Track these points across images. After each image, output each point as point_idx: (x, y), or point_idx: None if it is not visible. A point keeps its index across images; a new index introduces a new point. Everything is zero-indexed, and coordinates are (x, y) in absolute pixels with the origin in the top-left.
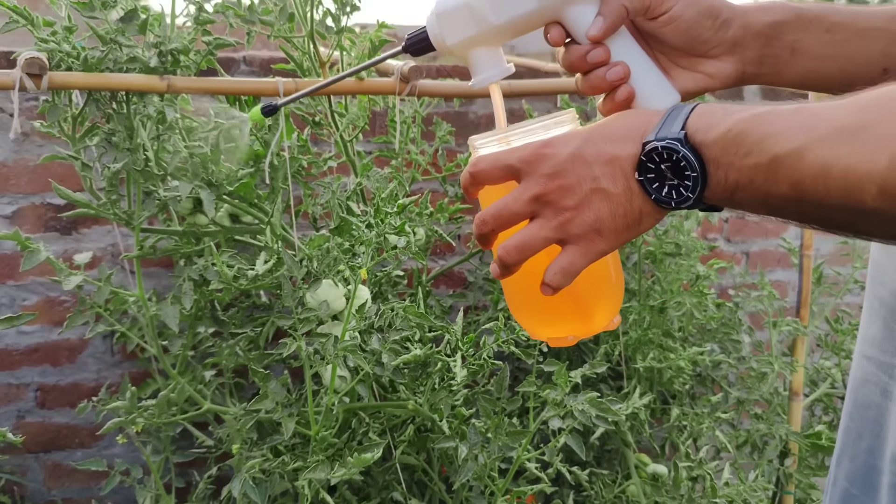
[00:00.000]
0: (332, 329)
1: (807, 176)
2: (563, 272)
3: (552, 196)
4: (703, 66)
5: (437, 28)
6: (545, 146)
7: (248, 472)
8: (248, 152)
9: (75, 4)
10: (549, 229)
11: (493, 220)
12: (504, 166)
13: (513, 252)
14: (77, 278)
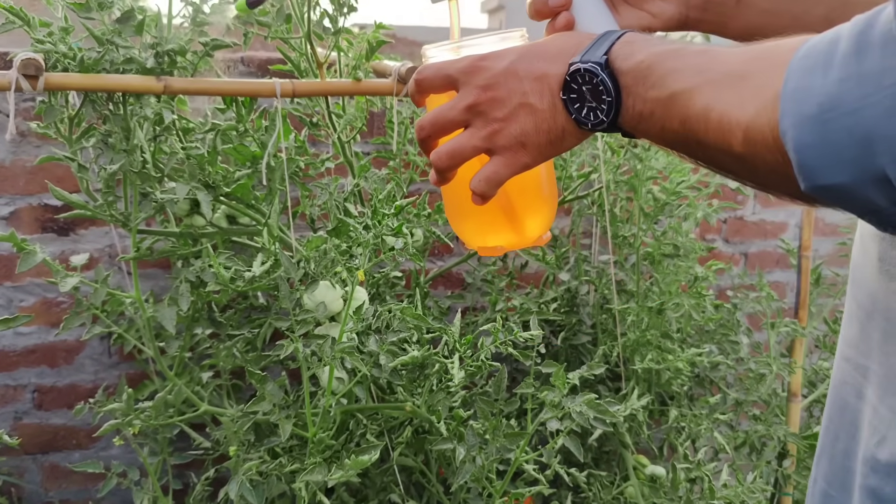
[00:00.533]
0: (329, 330)
1: (692, 115)
2: (487, 181)
3: (484, 107)
4: (648, 4)
5: None
6: (483, 59)
7: (246, 475)
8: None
9: (72, 5)
10: (478, 138)
11: (430, 126)
12: (444, 76)
13: (444, 157)
14: (74, 280)
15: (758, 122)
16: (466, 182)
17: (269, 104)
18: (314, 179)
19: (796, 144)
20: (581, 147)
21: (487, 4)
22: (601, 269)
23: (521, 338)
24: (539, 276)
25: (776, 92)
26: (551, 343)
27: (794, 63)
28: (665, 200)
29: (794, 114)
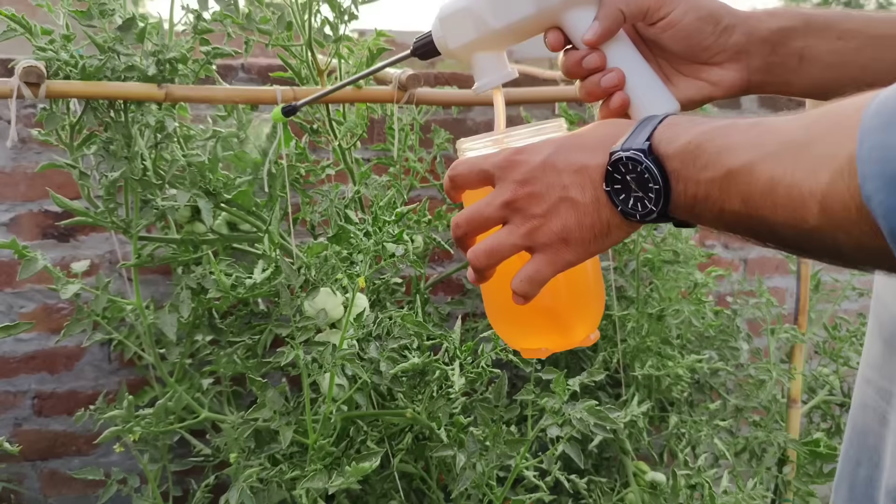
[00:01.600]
0: (330, 337)
1: (756, 191)
2: (529, 280)
3: (521, 203)
4: (706, 73)
5: (440, 32)
6: (518, 153)
7: (246, 481)
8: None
9: (73, 13)
10: (517, 236)
11: (465, 224)
12: (479, 171)
13: (482, 256)
14: (75, 287)
15: (835, 190)
16: (506, 280)
17: (269, 111)
18: (315, 186)
19: (887, 210)
20: None
21: None
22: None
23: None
24: None
25: (850, 155)
26: None
27: (866, 122)
28: None
29: (877, 176)
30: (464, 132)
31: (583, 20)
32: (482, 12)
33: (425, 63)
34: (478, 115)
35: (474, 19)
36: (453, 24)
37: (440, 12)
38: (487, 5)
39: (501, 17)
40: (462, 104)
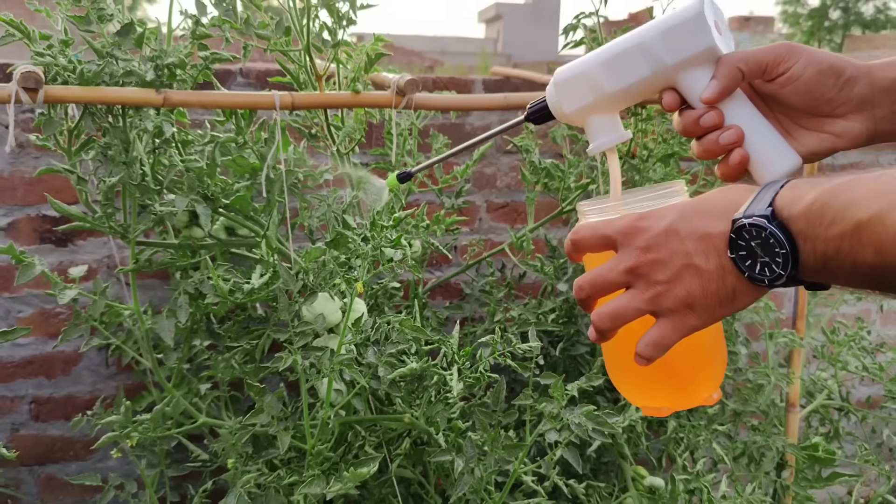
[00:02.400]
0: (328, 342)
1: (889, 239)
2: (655, 345)
3: (645, 269)
4: (829, 125)
5: (555, 97)
6: (641, 219)
7: (244, 487)
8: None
9: (72, 18)
10: (641, 301)
11: (589, 287)
12: (602, 236)
13: (605, 319)
14: (72, 292)
15: None
16: (627, 339)
17: (268, 116)
18: (313, 191)
19: None
20: (579, 158)
21: (485, 14)
22: None
23: (519, 349)
24: (537, 287)
25: None
26: (550, 353)
27: None
28: None
29: None
30: (462, 136)
31: (699, 80)
32: (598, 78)
33: (424, 67)
34: (476, 120)
35: (590, 84)
36: (569, 90)
37: (555, 78)
38: (603, 71)
39: (617, 82)
40: (460, 109)
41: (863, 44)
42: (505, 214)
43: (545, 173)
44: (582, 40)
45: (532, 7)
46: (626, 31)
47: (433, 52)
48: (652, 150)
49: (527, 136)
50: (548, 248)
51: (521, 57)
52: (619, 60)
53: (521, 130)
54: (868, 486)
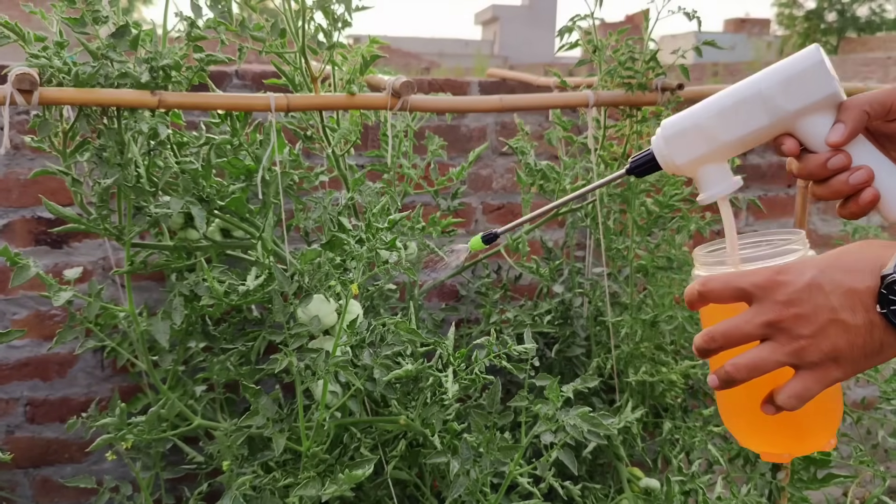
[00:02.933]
0: (323, 344)
1: None
2: (798, 397)
3: (787, 323)
4: None
5: (665, 149)
6: (780, 273)
7: (239, 489)
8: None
9: (67, 20)
10: (782, 354)
11: (722, 339)
12: (736, 289)
13: (743, 370)
14: (67, 294)
15: None
16: (751, 387)
17: (263, 118)
18: (308, 193)
19: None
20: (574, 160)
21: (481, 16)
22: (595, 281)
23: (514, 351)
24: (533, 288)
25: None
26: (545, 355)
27: None
28: (658, 213)
29: None
30: (458, 138)
31: (820, 124)
32: (712, 128)
33: (420, 69)
34: (472, 122)
35: (704, 136)
36: (681, 141)
37: (664, 131)
38: (718, 121)
39: (733, 132)
40: (456, 111)
41: (858, 46)
42: (501, 216)
43: (541, 175)
44: (577, 42)
45: (528, 9)
46: (621, 33)
47: (430, 53)
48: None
49: (522, 137)
50: (543, 249)
51: (518, 59)
52: (735, 111)
53: (517, 131)
54: (864, 488)
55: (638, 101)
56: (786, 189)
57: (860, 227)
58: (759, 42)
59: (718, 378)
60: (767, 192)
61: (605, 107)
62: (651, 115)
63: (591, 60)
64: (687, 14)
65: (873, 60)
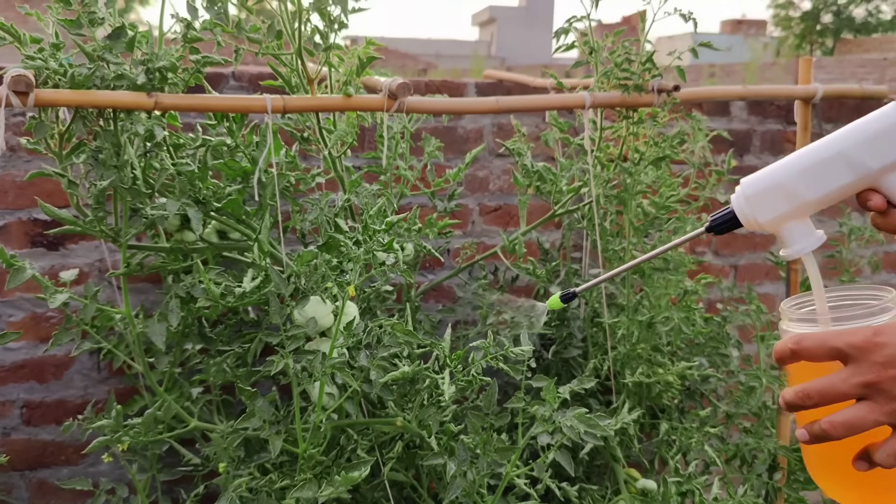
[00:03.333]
0: (320, 346)
1: None
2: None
3: (886, 385)
4: None
5: (746, 208)
6: (877, 334)
7: (235, 491)
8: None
9: (62, 22)
10: (880, 414)
11: (818, 396)
12: (831, 348)
13: (840, 428)
14: (63, 296)
15: None
16: (843, 443)
17: (260, 119)
18: (305, 194)
19: None
20: (571, 161)
21: (478, 17)
22: None
23: (511, 352)
24: (530, 290)
25: None
26: (542, 356)
27: None
28: (654, 214)
29: None
30: (455, 140)
31: None
32: (795, 187)
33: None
34: (469, 123)
35: (787, 194)
36: (762, 200)
37: (745, 189)
38: (801, 180)
39: (816, 189)
40: (452, 112)
41: (854, 47)
42: (498, 217)
43: (537, 176)
44: (573, 44)
45: (526, 10)
46: (618, 35)
47: (427, 54)
48: (643, 153)
49: (518, 138)
50: (540, 251)
51: (515, 60)
52: (819, 169)
53: (514, 133)
54: None
55: (634, 103)
56: None
57: (855, 227)
58: (755, 43)
59: (810, 434)
60: None
61: (602, 108)
62: (647, 116)
63: (588, 62)
64: (683, 15)
65: (869, 61)
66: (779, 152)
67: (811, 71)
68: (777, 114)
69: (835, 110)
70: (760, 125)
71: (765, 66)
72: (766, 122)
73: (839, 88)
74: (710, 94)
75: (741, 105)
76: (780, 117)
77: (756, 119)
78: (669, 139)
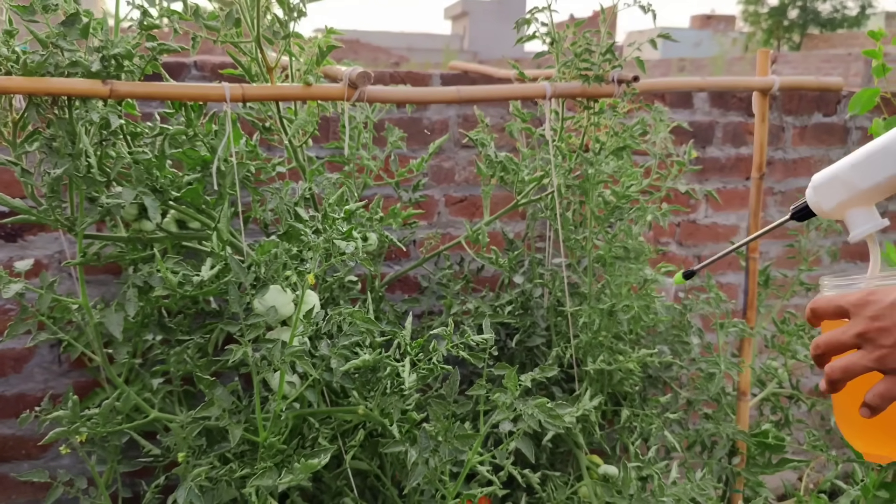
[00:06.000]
0: (280, 335)
1: None
2: (881, 397)
3: (873, 334)
4: None
5: (814, 198)
6: (871, 294)
7: (194, 481)
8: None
9: (15, 8)
10: (868, 360)
11: (824, 346)
12: (835, 307)
13: (837, 371)
14: (17, 286)
15: None
16: (855, 396)
17: (220, 108)
18: (266, 184)
19: None
20: (533, 151)
21: (451, 11)
22: (555, 271)
23: (472, 340)
24: (494, 280)
25: None
26: (506, 345)
27: None
28: (616, 204)
29: None
30: (419, 130)
31: None
32: (850, 178)
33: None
34: (433, 114)
35: (844, 184)
36: (826, 190)
37: (813, 183)
38: (854, 172)
39: (867, 179)
40: (413, 102)
41: (820, 42)
42: (463, 208)
43: (500, 167)
44: (534, 35)
45: (498, 4)
46: (578, 25)
47: (400, 48)
48: (604, 143)
49: (482, 129)
50: (505, 241)
51: (488, 54)
52: (868, 162)
53: (477, 124)
54: (819, 472)
55: (595, 93)
56: (744, 181)
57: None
58: (723, 38)
59: (825, 381)
60: (726, 185)
61: (563, 98)
62: (608, 106)
63: (550, 52)
64: (642, 7)
65: (835, 56)
66: (740, 144)
67: (768, 63)
68: (739, 106)
69: (794, 103)
70: (722, 117)
71: (733, 60)
72: (727, 114)
73: (795, 80)
74: (669, 86)
75: (703, 97)
76: (742, 109)
77: (718, 111)
78: (630, 129)
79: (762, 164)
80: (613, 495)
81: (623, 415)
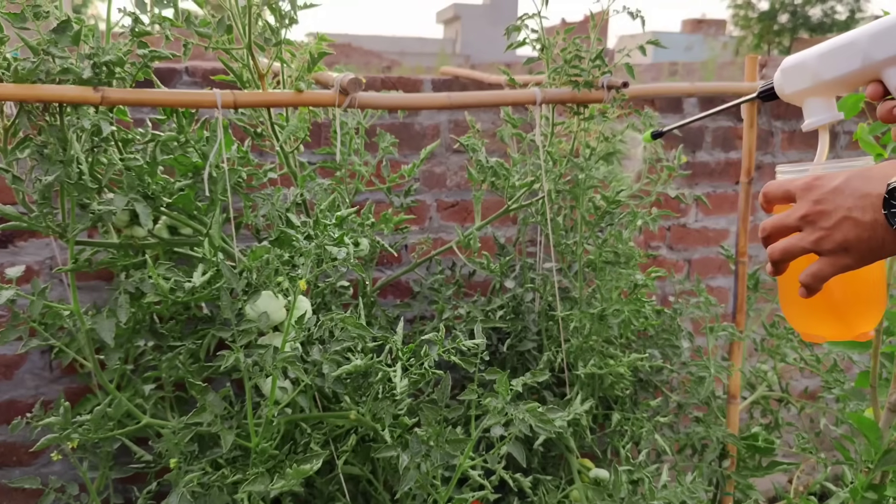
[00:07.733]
0: (272, 340)
1: None
2: (813, 276)
3: (813, 217)
4: None
5: (780, 80)
6: (816, 179)
7: (186, 487)
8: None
9: (6, 15)
10: (806, 242)
11: (770, 228)
12: (785, 191)
13: (777, 252)
14: (8, 292)
15: None
16: (797, 276)
17: (212, 114)
18: (258, 190)
19: None
20: (523, 156)
21: (443, 15)
22: (545, 276)
23: (463, 345)
24: (486, 285)
25: None
26: (498, 350)
27: None
28: (606, 209)
29: None
30: (411, 136)
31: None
32: (815, 67)
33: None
34: (425, 119)
35: (808, 72)
36: (791, 76)
37: (782, 66)
38: (819, 62)
39: (830, 71)
40: (404, 108)
41: (810, 46)
42: (455, 213)
43: (491, 172)
44: (524, 41)
45: (490, 8)
46: (568, 31)
47: (392, 52)
48: (594, 148)
49: (473, 134)
50: (496, 246)
51: (480, 58)
52: (833, 54)
53: (468, 129)
54: (809, 475)
55: (584, 99)
56: (733, 186)
57: None
58: (714, 42)
59: (769, 264)
60: (716, 189)
61: (553, 104)
62: (598, 112)
63: (540, 58)
64: (630, 13)
65: None
66: (730, 148)
67: (756, 68)
68: (728, 111)
69: (783, 108)
70: (712, 122)
71: (723, 64)
72: (717, 119)
73: None
74: (658, 91)
75: (693, 102)
76: (732, 114)
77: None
78: (620, 135)
79: (751, 169)
80: (604, 499)
81: (614, 418)
